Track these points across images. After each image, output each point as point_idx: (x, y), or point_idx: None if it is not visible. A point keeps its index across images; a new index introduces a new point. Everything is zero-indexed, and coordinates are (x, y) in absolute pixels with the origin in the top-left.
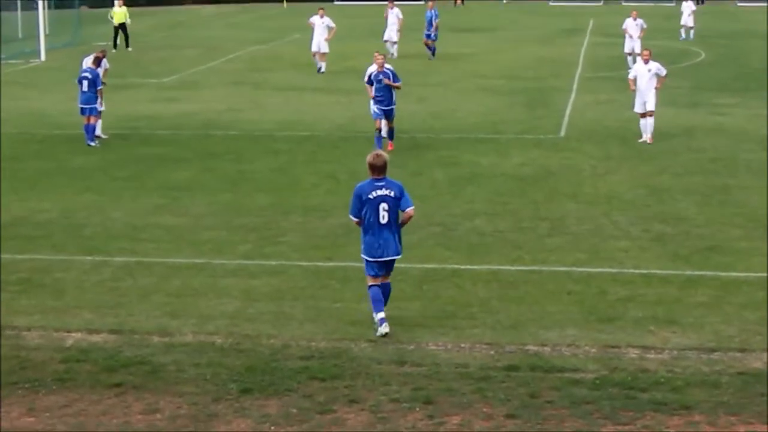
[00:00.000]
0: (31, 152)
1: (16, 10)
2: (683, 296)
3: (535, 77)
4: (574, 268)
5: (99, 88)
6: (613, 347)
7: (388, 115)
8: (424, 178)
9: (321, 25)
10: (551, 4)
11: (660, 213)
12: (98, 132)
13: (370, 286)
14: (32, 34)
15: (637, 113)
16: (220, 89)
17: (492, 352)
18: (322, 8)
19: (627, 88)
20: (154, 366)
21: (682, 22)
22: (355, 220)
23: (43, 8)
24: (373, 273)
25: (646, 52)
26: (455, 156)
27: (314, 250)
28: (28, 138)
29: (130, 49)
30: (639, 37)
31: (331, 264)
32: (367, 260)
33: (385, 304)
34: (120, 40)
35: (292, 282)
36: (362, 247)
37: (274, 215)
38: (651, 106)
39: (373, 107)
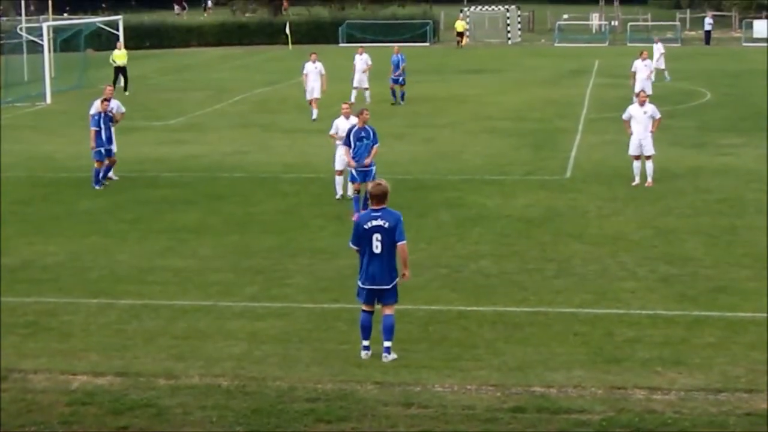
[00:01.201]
0: (38, 195)
1: (22, 53)
2: (690, 337)
3: (541, 118)
4: (581, 310)
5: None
6: (619, 388)
7: (367, 176)
8: (430, 220)
9: (314, 71)
10: (556, 45)
11: (666, 254)
12: (110, 174)
13: (362, 311)
14: (38, 77)
15: (632, 156)
16: (226, 131)
17: (498, 394)
18: (314, 53)
19: (626, 129)
20: (160, 409)
21: (654, 66)
22: (355, 248)
23: (49, 51)
24: (362, 300)
25: (642, 95)
26: (461, 197)
27: (321, 292)
28: (35, 181)
29: (127, 93)
30: (648, 78)
31: (337, 306)
32: (359, 286)
33: (390, 338)
34: (120, 82)
35: (298, 324)
36: (359, 275)
37: (280, 257)
38: (650, 150)
39: (351, 170)
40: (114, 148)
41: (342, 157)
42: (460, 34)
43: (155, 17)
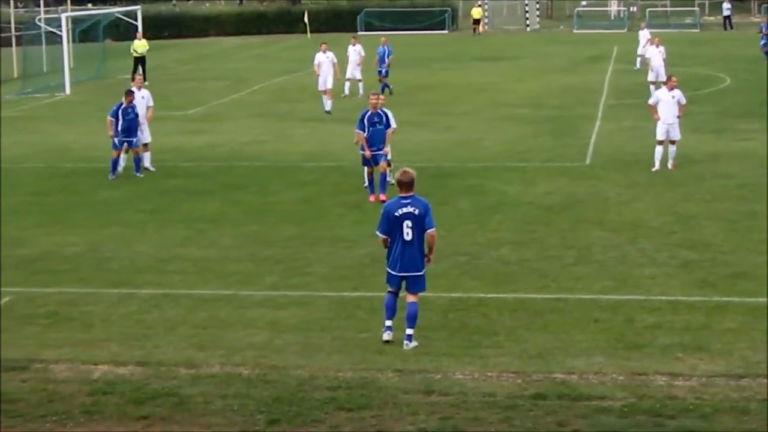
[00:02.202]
0: (56, 186)
1: (41, 44)
2: (711, 323)
3: (560, 105)
4: (601, 296)
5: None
6: (640, 375)
7: (378, 160)
8: (449, 208)
9: (327, 61)
10: (575, 31)
11: (686, 240)
12: (147, 165)
13: (388, 292)
14: (57, 68)
15: (657, 140)
16: (244, 121)
17: (519, 381)
18: (324, 42)
19: (652, 115)
20: (181, 398)
21: (639, 51)
22: (382, 237)
23: (68, 42)
24: (390, 284)
25: (674, 79)
26: (481, 185)
27: (341, 280)
28: (53, 172)
29: (146, 82)
30: (662, 66)
31: (357, 294)
32: (389, 273)
33: (413, 326)
34: (139, 73)
35: (319, 313)
36: (387, 260)
37: (300, 246)
38: (677, 135)
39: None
40: (135, 139)
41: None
42: (477, 22)
43: (172, 7)
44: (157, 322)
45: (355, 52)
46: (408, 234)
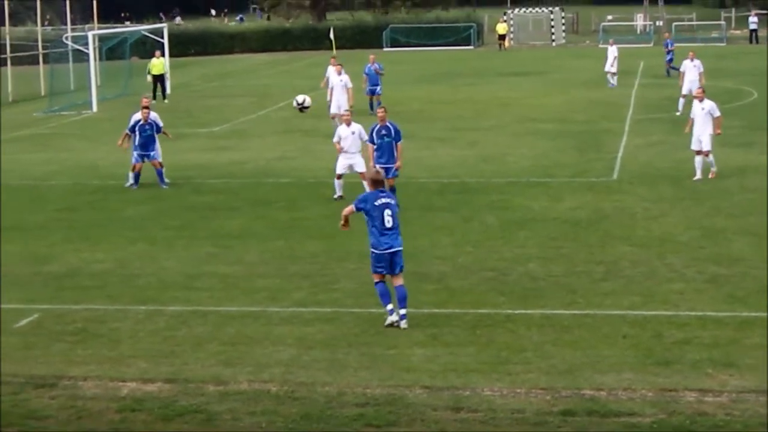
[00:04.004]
0: (84, 203)
1: (68, 62)
2: (740, 338)
3: (586, 120)
4: (629, 312)
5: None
6: (670, 390)
7: (387, 172)
8: (475, 223)
9: (339, 84)
10: (601, 46)
11: (715, 254)
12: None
13: (377, 282)
14: (84, 86)
15: (692, 150)
16: (271, 137)
17: (548, 397)
18: (339, 64)
19: (678, 130)
20: (209, 415)
21: (606, 69)
22: (355, 210)
23: (95, 60)
24: (379, 270)
25: (699, 91)
26: (507, 200)
27: (368, 296)
28: (81, 189)
29: (166, 101)
30: (697, 79)
31: (383, 311)
32: (374, 252)
33: (405, 306)
34: (159, 90)
35: (346, 329)
36: (371, 243)
37: (327, 262)
38: (707, 146)
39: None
40: (153, 152)
41: (343, 161)
42: (502, 37)
43: (199, 24)
44: (185, 339)
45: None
46: (389, 221)
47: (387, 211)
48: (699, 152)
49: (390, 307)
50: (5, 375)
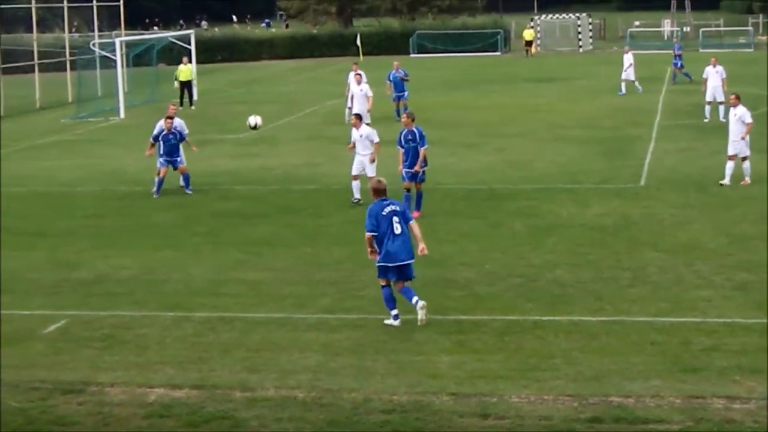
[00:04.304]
0: (111, 209)
1: (95, 68)
2: None
3: (613, 126)
4: (657, 318)
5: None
6: (697, 398)
7: (414, 176)
8: (503, 230)
9: (359, 93)
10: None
11: (742, 261)
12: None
13: (383, 287)
14: (111, 92)
15: (728, 155)
16: (298, 144)
17: (575, 404)
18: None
19: (706, 136)
20: (236, 421)
21: (623, 77)
22: (370, 234)
23: (122, 66)
24: (385, 277)
25: (732, 97)
26: (534, 207)
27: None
28: (108, 195)
29: (193, 107)
30: (720, 85)
31: (411, 317)
32: (384, 266)
33: (414, 294)
34: (186, 97)
35: (373, 335)
36: (380, 257)
37: (353, 268)
38: (743, 152)
39: (402, 169)
40: (179, 158)
41: (358, 163)
42: (529, 43)
43: (226, 31)
44: (212, 345)
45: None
46: (398, 228)
47: (395, 218)
48: (731, 157)
49: (395, 312)
50: (34, 381)
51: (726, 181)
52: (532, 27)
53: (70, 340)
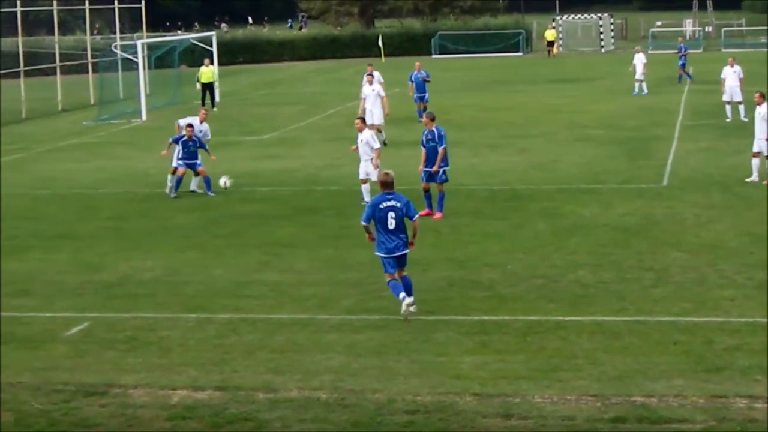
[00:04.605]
0: (134, 211)
1: (117, 70)
2: None
3: (636, 126)
4: (680, 318)
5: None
6: (720, 397)
7: (433, 176)
8: (526, 230)
9: (372, 94)
10: (650, 52)
11: (764, 260)
12: (195, 187)
13: (389, 281)
14: (133, 95)
15: (753, 152)
16: (320, 145)
17: (598, 404)
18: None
19: (729, 136)
20: (259, 422)
21: (637, 77)
22: (365, 224)
23: (144, 68)
24: (389, 270)
25: (757, 95)
26: (557, 207)
27: (417, 304)
28: (131, 197)
29: (215, 109)
30: (737, 85)
31: (434, 318)
32: (382, 257)
33: (411, 294)
34: (208, 99)
35: (395, 336)
36: (376, 246)
37: (375, 270)
38: (760, 149)
39: (422, 169)
40: (198, 161)
41: (363, 167)
42: (551, 44)
43: (247, 32)
44: (235, 347)
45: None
46: (392, 224)
47: (390, 214)
48: (755, 155)
49: (403, 294)
50: (57, 383)
51: (754, 177)
52: (553, 27)
53: (93, 342)
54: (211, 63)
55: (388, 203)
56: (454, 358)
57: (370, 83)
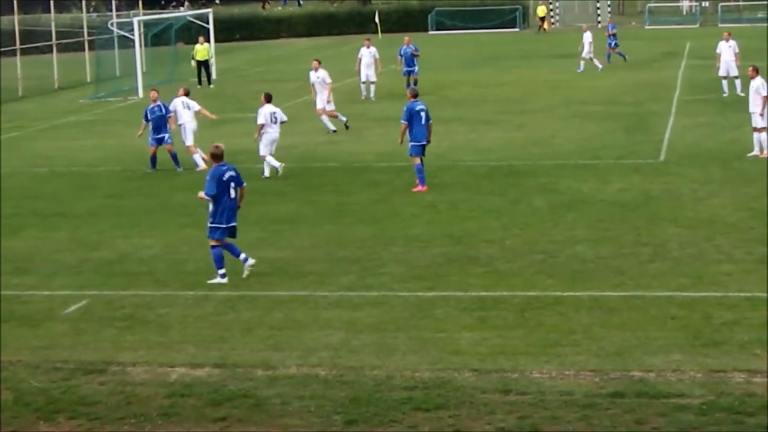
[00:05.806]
0: (132, 189)
1: (113, 48)
2: None
3: (633, 102)
4: (678, 293)
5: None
6: (719, 372)
7: (422, 151)
8: (524, 206)
9: (368, 54)
10: (647, 27)
11: (763, 235)
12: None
13: (213, 247)
14: (130, 72)
15: (754, 126)
16: (318, 122)
17: (597, 379)
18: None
19: (726, 111)
20: (258, 399)
21: (583, 55)
22: (209, 198)
23: (140, 46)
24: (219, 237)
25: (750, 69)
26: (555, 183)
27: (416, 280)
28: (128, 175)
29: (212, 86)
30: (732, 60)
31: (432, 294)
32: (218, 227)
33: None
34: (204, 76)
35: (394, 312)
36: (215, 217)
37: (375, 246)
38: (756, 123)
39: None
40: (166, 135)
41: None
42: (542, 19)
43: (245, 9)
44: (234, 324)
45: (369, 54)
46: (233, 193)
47: (232, 184)
48: (755, 129)
49: (223, 271)
50: (56, 361)
51: (756, 152)
52: (544, 3)
53: (92, 320)
54: (207, 41)
55: (229, 174)
56: (453, 334)
57: (368, 47)
